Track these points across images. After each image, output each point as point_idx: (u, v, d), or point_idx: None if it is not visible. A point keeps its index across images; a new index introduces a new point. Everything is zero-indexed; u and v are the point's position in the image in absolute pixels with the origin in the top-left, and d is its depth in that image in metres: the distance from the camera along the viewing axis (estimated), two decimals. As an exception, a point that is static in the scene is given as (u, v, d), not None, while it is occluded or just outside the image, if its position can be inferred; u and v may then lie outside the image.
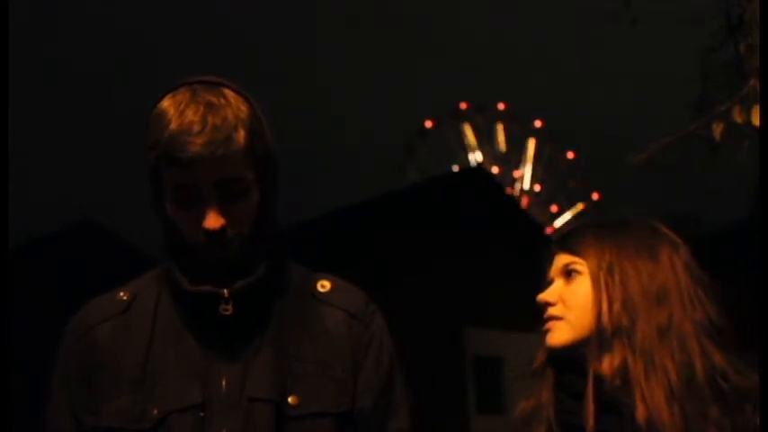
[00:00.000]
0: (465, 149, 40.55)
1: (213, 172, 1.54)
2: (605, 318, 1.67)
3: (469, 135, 40.66)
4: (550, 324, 1.75)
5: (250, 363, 1.60)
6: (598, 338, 1.68)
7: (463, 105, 40.71)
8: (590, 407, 1.64)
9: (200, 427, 1.55)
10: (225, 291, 1.58)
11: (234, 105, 1.57)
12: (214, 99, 1.56)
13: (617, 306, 1.67)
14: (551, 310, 1.75)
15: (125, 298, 1.69)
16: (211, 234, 1.56)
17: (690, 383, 1.62)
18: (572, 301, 1.73)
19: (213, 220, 1.55)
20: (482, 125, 40.66)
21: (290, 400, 1.58)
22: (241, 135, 1.55)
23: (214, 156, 1.52)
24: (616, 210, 1.86)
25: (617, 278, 1.69)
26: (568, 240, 1.79)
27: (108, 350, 1.63)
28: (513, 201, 23.39)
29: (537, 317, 1.78)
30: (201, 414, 1.56)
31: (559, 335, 1.73)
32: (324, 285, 1.72)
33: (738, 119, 4.14)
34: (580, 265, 1.74)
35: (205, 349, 1.60)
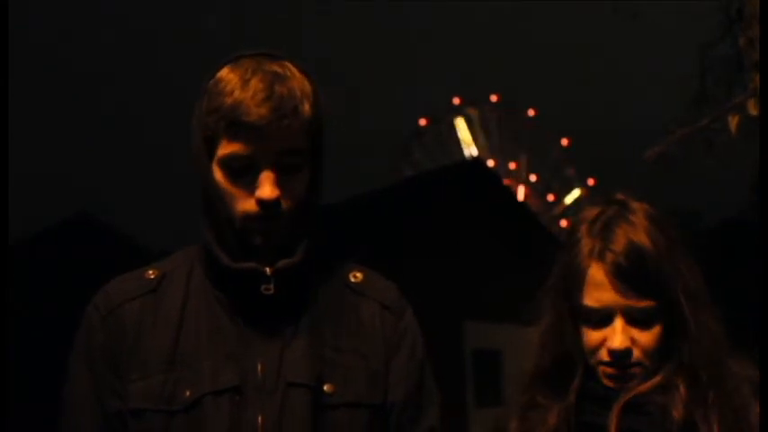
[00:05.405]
0: (460, 144, 40.48)
1: (276, 141, 1.50)
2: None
3: (464, 129, 40.59)
4: (635, 370, 1.61)
5: (286, 347, 1.54)
6: None
7: (456, 100, 40.65)
8: (617, 408, 1.59)
9: (235, 411, 1.49)
10: (268, 269, 1.53)
11: (298, 78, 1.54)
12: (279, 70, 1.53)
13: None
14: (635, 357, 1.61)
15: (153, 276, 1.62)
16: (266, 204, 1.50)
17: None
18: (650, 346, 1.61)
19: (269, 190, 1.50)
20: (476, 118, 40.58)
21: (325, 388, 1.53)
22: (306, 108, 1.53)
23: (280, 125, 1.49)
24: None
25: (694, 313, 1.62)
26: (630, 277, 1.59)
27: (136, 330, 1.56)
28: (510, 193, 23.36)
29: (536, 309, 1.72)
30: (237, 398, 1.50)
31: (643, 382, 1.61)
32: (356, 276, 1.68)
33: (753, 111, 4.11)
34: (649, 306, 1.60)
35: (239, 330, 1.54)
